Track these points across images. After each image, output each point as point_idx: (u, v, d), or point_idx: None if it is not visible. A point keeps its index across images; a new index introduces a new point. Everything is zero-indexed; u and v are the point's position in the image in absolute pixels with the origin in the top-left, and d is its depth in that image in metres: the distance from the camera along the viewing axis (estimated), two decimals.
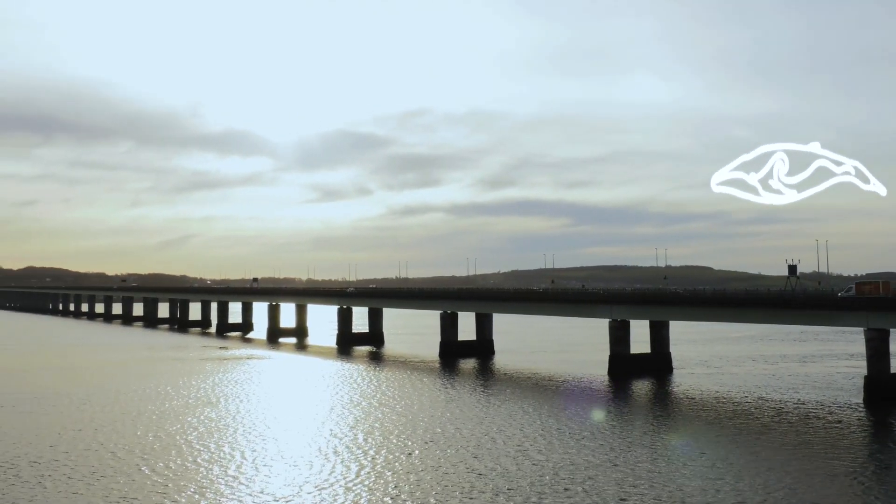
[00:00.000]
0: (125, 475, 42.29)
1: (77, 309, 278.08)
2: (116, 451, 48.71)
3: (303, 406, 67.95)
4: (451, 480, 41.00)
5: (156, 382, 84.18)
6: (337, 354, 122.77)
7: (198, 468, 44.10)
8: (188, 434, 54.38)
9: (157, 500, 37.37)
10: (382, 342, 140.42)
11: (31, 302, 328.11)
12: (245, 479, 41.56)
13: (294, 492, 39.08)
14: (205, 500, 37.57)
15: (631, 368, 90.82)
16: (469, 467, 43.94)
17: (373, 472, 43.18)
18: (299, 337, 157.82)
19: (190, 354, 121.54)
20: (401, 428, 56.41)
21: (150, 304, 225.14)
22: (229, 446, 50.17)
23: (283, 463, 45.44)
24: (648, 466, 44.08)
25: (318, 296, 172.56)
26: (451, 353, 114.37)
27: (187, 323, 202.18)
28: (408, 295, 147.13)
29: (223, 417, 61.64)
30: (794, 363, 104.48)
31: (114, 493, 38.69)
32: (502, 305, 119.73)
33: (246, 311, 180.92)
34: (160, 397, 73.08)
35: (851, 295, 78.66)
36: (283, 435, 54.02)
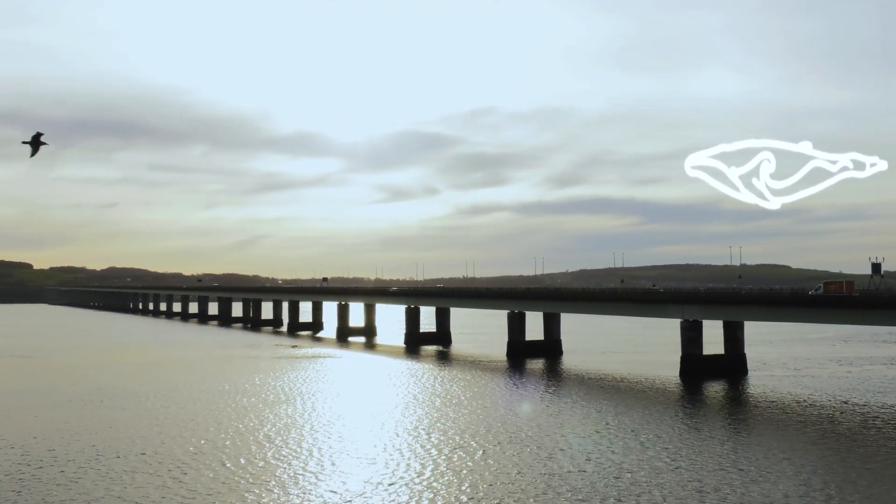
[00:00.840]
0: (208, 469, 43.68)
1: (156, 308, 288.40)
2: (198, 446, 50.35)
3: (373, 404, 68.83)
4: (525, 481, 40.92)
5: (232, 380, 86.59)
6: (405, 354, 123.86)
7: (274, 464, 45.22)
8: (264, 430, 55.78)
9: (238, 495, 38.51)
10: (450, 342, 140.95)
11: (113, 301, 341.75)
12: (319, 476, 42.43)
13: (366, 489, 39.69)
14: (282, 495, 38.55)
15: (704, 370, 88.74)
16: (543, 469, 43.73)
17: (444, 470, 43.45)
18: (368, 336, 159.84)
19: (263, 353, 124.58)
20: (470, 428, 56.55)
21: (224, 304, 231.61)
22: (304, 443, 51.27)
23: (355, 460, 46.18)
24: (724, 472, 43.04)
25: (386, 295, 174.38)
26: (519, 353, 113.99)
27: (260, 322, 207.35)
28: (475, 294, 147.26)
29: (297, 415, 62.98)
30: (880, 366, 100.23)
31: (199, 486, 40.03)
32: (570, 305, 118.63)
33: (316, 311, 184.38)
34: (237, 394, 75.12)
35: (820, 293, 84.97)
36: (355, 433, 54.86)
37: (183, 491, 39.11)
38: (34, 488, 39.59)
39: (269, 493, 38.88)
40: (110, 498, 37.77)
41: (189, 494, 38.50)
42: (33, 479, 41.32)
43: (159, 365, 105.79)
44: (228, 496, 38.28)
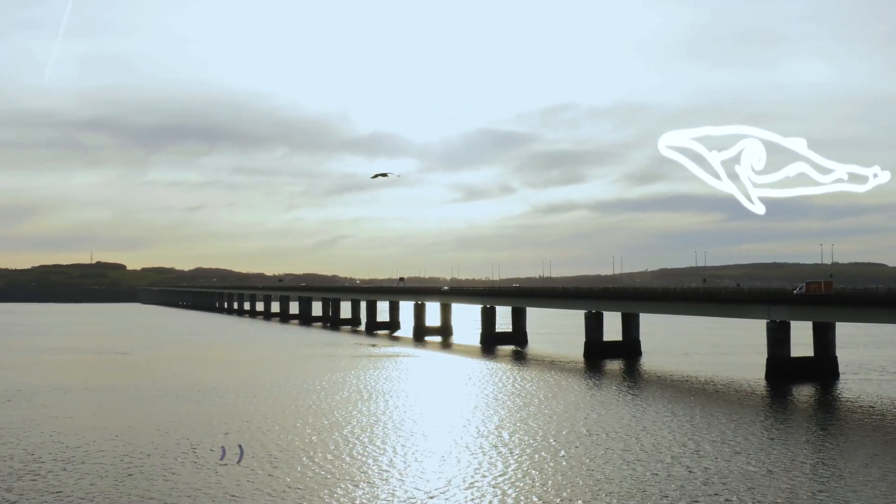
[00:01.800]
0: (297, 465, 44.89)
1: (240, 307, 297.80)
2: (285, 441, 51.77)
3: (450, 403, 69.27)
4: (610, 485, 40.47)
5: (312, 378, 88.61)
6: (481, 353, 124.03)
7: (354, 461, 46.10)
8: (345, 428, 56.91)
9: (325, 491, 39.49)
10: (526, 342, 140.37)
11: (200, 300, 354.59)
12: (398, 474, 43.05)
13: (444, 487, 40.03)
14: (366, 492, 39.30)
15: (791, 372, 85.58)
16: (629, 472, 43.14)
17: (525, 471, 43.41)
18: (444, 335, 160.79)
19: (343, 351, 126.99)
20: (547, 428, 56.26)
21: (304, 303, 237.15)
22: (385, 441, 52.08)
23: (433, 458, 46.62)
24: (812, 479, 41.49)
25: (462, 295, 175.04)
26: (597, 353, 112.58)
27: (339, 321, 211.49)
28: (551, 294, 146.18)
29: (376, 413, 63.98)
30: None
31: (289, 481, 41.22)
32: (650, 305, 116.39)
33: (393, 310, 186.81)
34: (318, 392, 76.83)
35: (802, 293, 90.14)
36: (433, 431, 55.36)
37: (274, 485, 40.34)
38: (137, 480, 41.50)
39: (354, 490, 39.71)
40: (207, 489, 39.25)
41: (279, 488, 39.66)
42: (135, 471, 43.33)
43: (245, 363, 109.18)
44: (317, 491, 39.28)
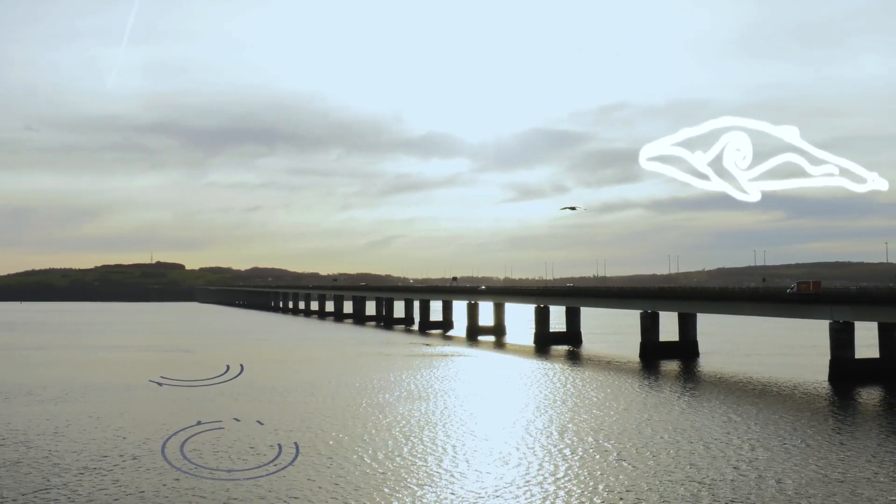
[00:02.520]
0: (351, 463, 45.49)
1: (295, 306, 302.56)
2: (339, 440, 52.51)
3: (504, 404, 69.21)
4: (665, 487, 39.99)
5: (368, 377, 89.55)
6: (535, 353, 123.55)
7: (409, 461, 46.47)
8: (400, 427, 57.39)
9: (374, 490, 39.95)
10: (580, 342, 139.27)
11: (256, 300, 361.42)
12: (455, 473, 43.23)
13: (501, 487, 40.09)
14: (419, 491, 39.63)
15: (855, 374, 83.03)
16: (684, 475, 42.56)
17: (579, 472, 43.17)
18: (497, 335, 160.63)
19: (396, 350, 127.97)
20: (605, 429, 55.79)
21: (358, 303, 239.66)
22: (439, 440, 52.37)
23: (489, 458, 46.68)
24: (885, 487, 40.23)
25: (516, 294, 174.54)
26: (653, 354, 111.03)
27: (392, 320, 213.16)
28: (606, 294, 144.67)
29: (430, 412, 64.35)
30: None
31: (345, 478, 41.83)
32: (707, 305, 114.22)
33: (446, 310, 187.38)
34: (373, 391, 77.63)
35: (794, 292, 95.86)
36: (487, 432, 55.39)
37: (329, 484, 40.96)
38: (196, 479, 42.54)
39: (408, 490, 40.05)
40: (269, 485, 40.03)
41: (334, 487, 40.28)
42: (195, 468, 44.41)
43: (301, 361, 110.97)
44: (372, 491, 39.75)
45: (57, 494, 38.74)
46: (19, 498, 38.12)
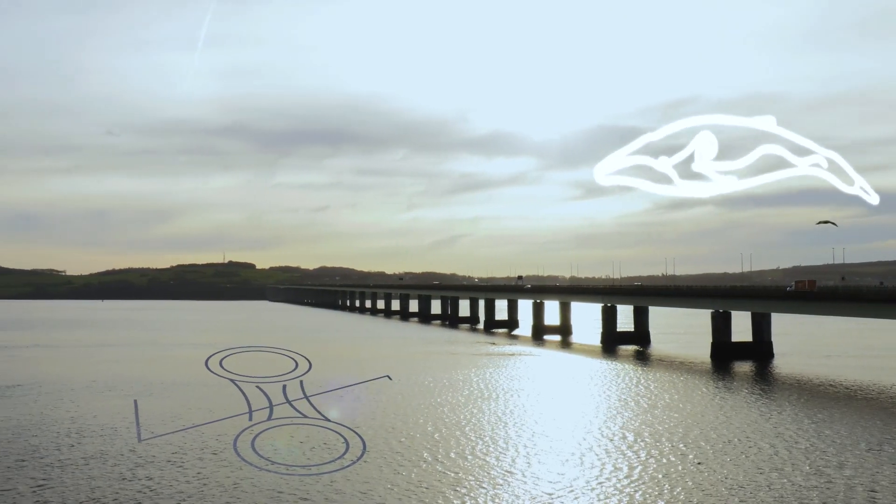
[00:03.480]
0: (421, 461, 46.04)
1: (361, 305, 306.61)
2: (409, 437, 53.12)
3: (573, 404, 68.77)
4: (744, 492, 39.19)
5: (435, 375, 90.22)
6: (602, 353, 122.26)
7: (477, 460, 46.69)
8: (467, 426, 57.67)
9: (442, 489, 40.33)
10: (649, 341, 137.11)
11: (324, 298, 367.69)
12: (520, 474, 43.19)
13: (566, 488, 39.94)
14: (484, 492, 39.82)
15: None
16: (764, 481, 41.59)
17: (648, 474, 42.61)
18: (563, 334, 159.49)
19: (462, 349, 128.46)
20: (675, 431, 54.88)
21: (423, 301, 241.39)
22: (508, 439, 52.46)
23: (559, 459, 46.52)
24: None
25: (582, 293, 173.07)
26: (724, 354, 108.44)
27: (457, 319, 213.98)
28: (675, 293, 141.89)
29: (498, 411, 64.45)
30: None
31: (414, 477, 42.40)
32: (782, 304, 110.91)
33: (511, 309, 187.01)
34: (440, 389, 78.17)
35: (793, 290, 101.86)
36: (556, 432, 55.12)
37: (397, 482, 41.56)
38: (274, 476, 43.60)
39: (476, 490, 40.29)
40: (343, 482, 40.90)
41: (403, 485, 40.86)
42: (272, 465, 45.67)
43: (368, 359, 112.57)
44: (440, 490, 40.15)
45: (141, 486, 40.38)
46: (107, 488, 39.92)
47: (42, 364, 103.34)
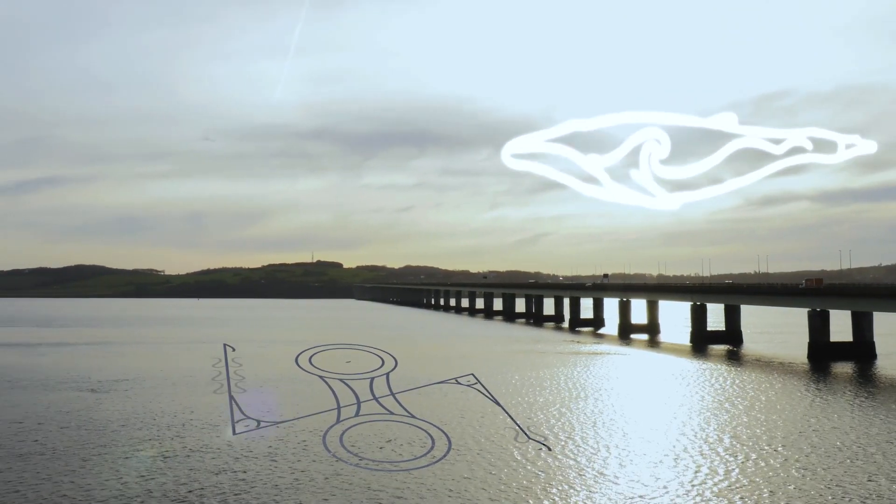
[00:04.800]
0: (503, 462, 46.15)
1: (446, 303, 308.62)
2: (493, 438, 53.29)
3: (663, 403, 67.39)
4: (843, 498, 37.61)
5: (521, 373, 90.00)
6: (692, 353, 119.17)
7: (566, 459, 46.41)
8: (557, 425, 57.40)
9: (532, 490, 40.28)
10: (741, 341, 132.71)
11: (409, 297, 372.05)
12: (611, 475, 42.70)
13: (659, 490, 39.24)
14: (574, 492, 39.56)
15: None
16: (867, 487, 39.80)
17: (747, 477, 41.36)
18: (651, 333, 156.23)
19: (548, 348, 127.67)
20: (770, 434, 53.02)
21: (508, 300, 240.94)
22: (594, 440, 51.89)
23: (648, 460, 45.72)
24: None
25: (670, 292, 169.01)
26: (822, 355, 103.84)
27: (542, 318, 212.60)
28: (768, 291, 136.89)
29: (587, 410, 63.80)
30: None
31: (495, 475, 42.56)
32: (886, 303, 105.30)
33: (597, 307, 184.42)
34: (527, 387, 77.94)
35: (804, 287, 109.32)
36: (646, 432, 54.19)
37: (483, 478, 41.78)
38: (363, 472, 44.82)
39: (567, 492, 40.08)
40: (432, 479, 41.50)
41: (489, 481, 41.03)
42: (360, 461, 46.78)
43: (455, 357, 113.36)
44: (529, 492, 40.14)
45: (237, 479, 42.02)
46: (205, 480, 41.73)
47: (144, 359, 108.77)
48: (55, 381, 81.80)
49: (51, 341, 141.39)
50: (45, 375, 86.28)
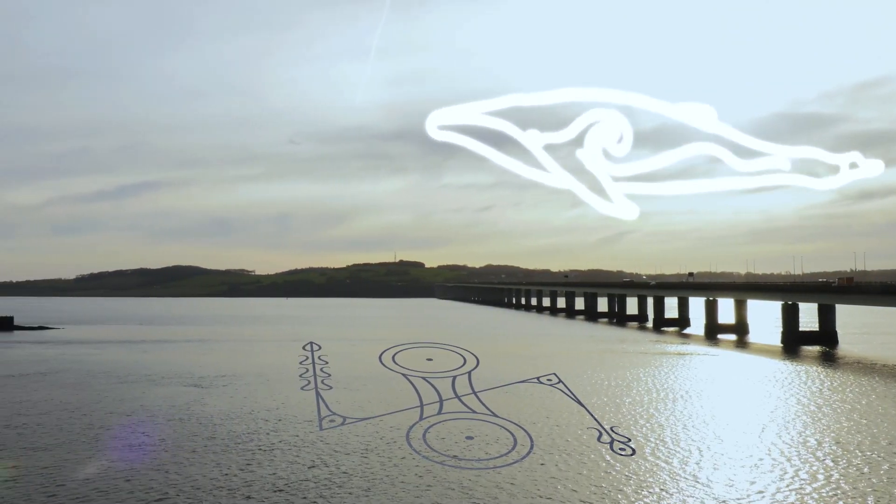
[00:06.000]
0: (588, 460, 45.79)
1: (527, 302, 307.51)
2: (577, 435, 52.94)
3: (754, 406, 65.34)
4: None
5: (606, 373, 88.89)
6: (783, 354, 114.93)
7: (656, 462, 45.64)
8: (643, 426, 56.53)
9: (621, 489, 39.86)
10: (836, 342, 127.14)
11: (490, 296, 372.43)
12: (703, 479, 41.72)
13: (755, 495, 38.16)
14: (667, 495, 38.91)
15: None
16: None
17: (847, 483, 39.74)
18: (739, 334, 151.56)
19: (632, 348, 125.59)
20: (873, 440, 50.65)
21: (590, 299, 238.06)
22: (686, 442, 50.80)
23: (740, 464, 44.48)
24: None
25: (759, 290, 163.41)
26: None
27: (625, 317, 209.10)
28: (866, 290, 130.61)
29: (675, 412, 62.50)
30: None
31: (580, 476, 42.29)
32: None
33: (682, 307, 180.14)
34: (611, 388, 76.91)
35: None
36: (738, 435, 52.66)
37: (569, 478, 41.58)
38: (446, 469, 45.32)
39: (659, 493, 39.50)
40: (511, 476, 41.64)
41: (574, 481, 40.81)
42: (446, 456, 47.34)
43: (539, 356, 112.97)
44: (612, 490, 39.72)
45: (329, 472, 43.20)
46: (300, 473, 43.08)
47: (239, 356, 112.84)
48: (160, 376, 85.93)
49: (153, 338, 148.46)
50: (151, 371, 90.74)
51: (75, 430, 53.91)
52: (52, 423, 56.26)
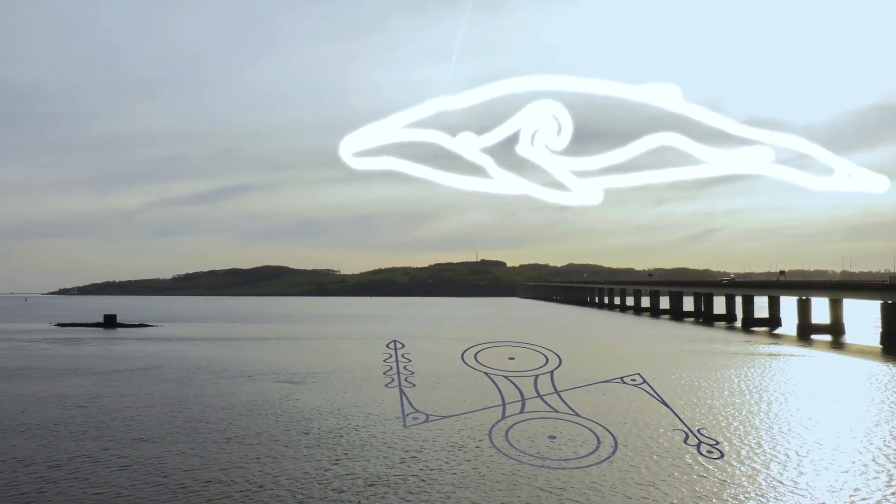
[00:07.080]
0: (677, 462, 45.18)
1: (610, 301, 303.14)
2: (664, 436, 52.20)
3: (848, 408, 62.84)
4: None
5: (693, 374, 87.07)
6: (883, 355, 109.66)
7: (740, 466, 44.67)
8: (729, 429, 55.27)
9: (714, 493, 39.23)
10: None
11: (572, 295, 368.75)
12: (803, 484, 40.64)
13: (856, 502, 36.90)
14: (753, 500, 38.07)
15: None
16: None
17: None
18: (834, 334, 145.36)
19: (720, 348, 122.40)
20: None
21: (675, 298, 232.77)
22: (783, 446, 49.44)
23: (832, 469, 43.09)
24: None
25: (856, 289, 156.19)
26: None
27: (712, 316, 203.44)
28: None
29: (769, 414, 60.86)
30: None
31: (668, 478, 41.81)
32: None
33: (772, 306, 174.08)
34: (699, 389, 75.34)
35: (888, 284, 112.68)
36: (830, 439, 50.91)
37: (655, 480, 41.21)
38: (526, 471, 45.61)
39: (753, 499, 38.74)
40: (592, 476, 41.55)
41: (661, 484, 40.41)
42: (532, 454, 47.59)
43: (624, 356, 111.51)
44: (705, 493, 39.18)
45: (416, 469, 44.12)
46: (390, 468, 44.15)
47: (327, 354, 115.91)
48: (254, 372, 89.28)
49: (247, 336, 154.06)
50: (246, 367, 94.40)
51: (177, 423, 56.81)
52: (155, 416, 59.45)
